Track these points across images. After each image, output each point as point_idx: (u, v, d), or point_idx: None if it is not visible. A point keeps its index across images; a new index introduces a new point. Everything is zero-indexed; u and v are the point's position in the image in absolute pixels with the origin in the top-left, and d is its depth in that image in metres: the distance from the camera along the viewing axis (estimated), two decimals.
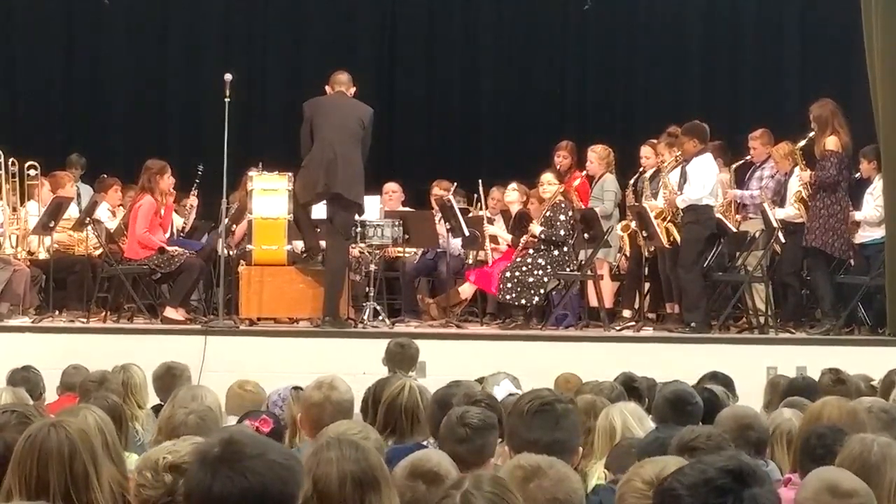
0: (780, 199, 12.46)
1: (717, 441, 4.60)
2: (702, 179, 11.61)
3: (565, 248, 12.19)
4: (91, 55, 16.27)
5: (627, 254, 12.95)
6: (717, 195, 12.00)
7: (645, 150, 12.84)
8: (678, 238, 11.79)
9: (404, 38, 16.43)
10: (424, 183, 13.96)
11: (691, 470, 2.71)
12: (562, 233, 12.13)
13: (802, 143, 12.06)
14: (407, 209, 13.47)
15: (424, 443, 5.32)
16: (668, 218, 11.90)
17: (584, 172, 13.05)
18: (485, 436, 4.63)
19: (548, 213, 12.24)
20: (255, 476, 2.79)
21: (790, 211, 12.17)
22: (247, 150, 13.47)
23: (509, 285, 12.01)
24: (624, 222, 12.63)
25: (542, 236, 12.15)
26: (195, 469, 2.83)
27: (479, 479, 3.27)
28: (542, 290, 12.08)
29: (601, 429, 5.65)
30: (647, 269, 12.57)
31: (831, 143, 11.54)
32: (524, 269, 12.07)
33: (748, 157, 13.01)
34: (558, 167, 13.24)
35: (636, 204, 12.58)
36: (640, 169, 12.89)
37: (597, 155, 12.91)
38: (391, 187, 13.69)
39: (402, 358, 8.62)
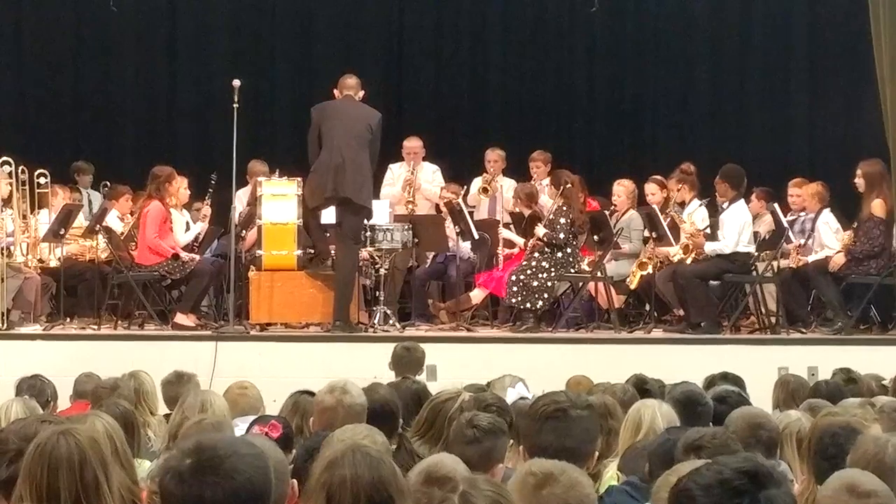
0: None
1: (723, 440, 4.59)
2: (738, 228, 11.62)
3: (568, 250, 12.19)
4: (100, 63, 16.27)
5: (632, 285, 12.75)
6: (753, 241, 11.91)
7: (650, 187, 12.79)
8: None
9: (412, 43, 16.43)
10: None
11: (707, 470, 2.71)
12: (561, 236, 12.13)
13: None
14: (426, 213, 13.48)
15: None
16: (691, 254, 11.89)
17: (613, 207, 13.04)
18: (493, 439, 4.63)
19: (551, 217, 12.27)
20: (240, 474, 2.84)
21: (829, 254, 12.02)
22: (256, 156, 13.47)
23: (515, 289, 12.02)
24: (642, 260, 12.48)
25: (545, 238, 12.16)
26: (174, 484, 2.84)
27: (474, 481, 3.30)
28: (546, 294, 12.07)
29: (629, 420, 5.66)
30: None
31: (878, 208, 11.52)
32: (529, 272, 12.07)
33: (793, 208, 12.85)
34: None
35: (646, 205, 12.59)
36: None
37: (624, 189, 12.88)
38: (413, 147, 13.63)
39: (408, 361, 8.62)
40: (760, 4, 16.05)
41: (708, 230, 11.86)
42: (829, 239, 11.98)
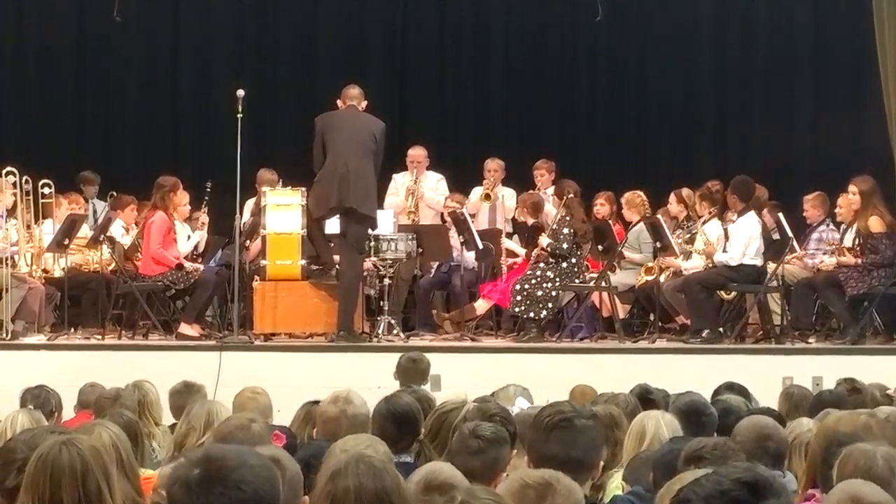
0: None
1: (724, 451, 4.59)
2: (745, 241, 11.64)
3: (573, 260, 12.20)
4: (102, 72, 16.30)
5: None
6: (760, 253, 11.89)
7: (670, 198, 12.95)
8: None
9: (415, 52, 16.44)
10: None
11: (707, 481, 2.71)
12: (564, 246, 12.14)
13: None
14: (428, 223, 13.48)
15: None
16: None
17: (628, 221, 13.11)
18: (498, 449, 4.63)
19: (554, 227, 12.28)
20: (248, 485, 2.82)
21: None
22: (259, 166, 13.47)
23: (518, 298, 12.03)
24: (650, 265, 12.53)
25: (549, 249, 12.17)
26: (181, 494, 2.84)
27: (473, 490, 3.30)
28: (550, 304, 12.08)
29: (633, 431, 5.66)
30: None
31: (876, 224, 11.53)
32: (533, 282, 12.09)
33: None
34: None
35: (650, 215, 12.60)
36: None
37: (626, 201, 12.91)
38: (416, 155, 13.61)
39: (413, 372, 8.61)
40: (764, 14, 16.05)
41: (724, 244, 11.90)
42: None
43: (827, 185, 13.01)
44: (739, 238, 11.69)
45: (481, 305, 12.69)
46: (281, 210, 11.88)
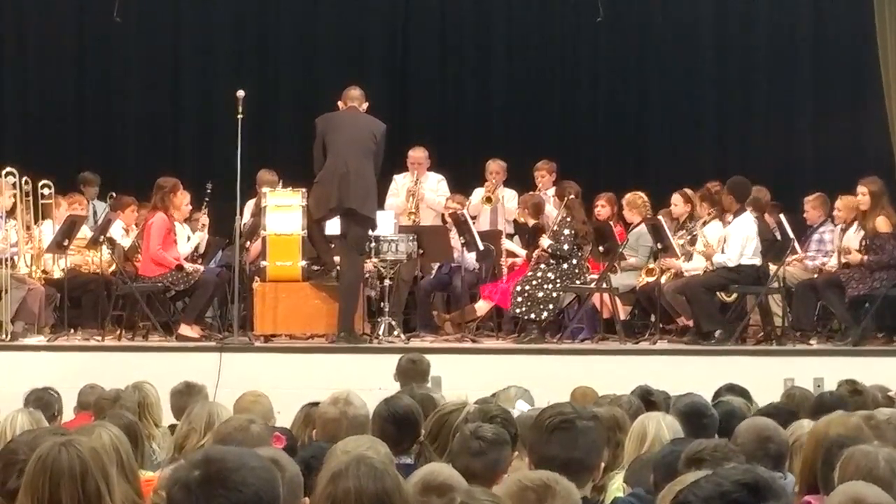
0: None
1: (724, 452, 4.58)
2: (742, 241, 11.65)
3: (574, 261, 12.20)
4: (102, 73, 16.30)
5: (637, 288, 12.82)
6: (758, 253, 11.88)
7: (674, 198, 12.89)
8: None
9: (416, 53, 16.44)
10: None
11: (707, 483, 2.70)
12: (566, 247, 12.13)
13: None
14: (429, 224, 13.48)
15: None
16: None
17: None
18: (499, 450, 4.63)
19: (555, 227, 12.28)
20: (248, 486, 2.81)
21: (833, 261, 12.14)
22: (260, 167, 13.46)
23: (520, 299, 12.02)
24: (651, 266, 12.53)
25: (550, 250, 12.17)
26: (181, 496, 2.83)
27: (470, 492, 3.30)
28: (551, 305, 12.08)
29: (634, 433, 5.66)
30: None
31: (882, 224, 11.54)
32: (534, 283, 12.08)
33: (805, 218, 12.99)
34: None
35: (652, 216, 12.58)
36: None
37: (627, 202, 12.90)
38: (417, 157, 13.61)
39: (414, 373, 8.59)
40: (764, 14, 16.06)
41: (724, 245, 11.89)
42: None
43: (827, 186, 13.00)
44: (736, 239, 11.69)
45: (482, 307, 12.69)
46: (281, 211, 11.87)
